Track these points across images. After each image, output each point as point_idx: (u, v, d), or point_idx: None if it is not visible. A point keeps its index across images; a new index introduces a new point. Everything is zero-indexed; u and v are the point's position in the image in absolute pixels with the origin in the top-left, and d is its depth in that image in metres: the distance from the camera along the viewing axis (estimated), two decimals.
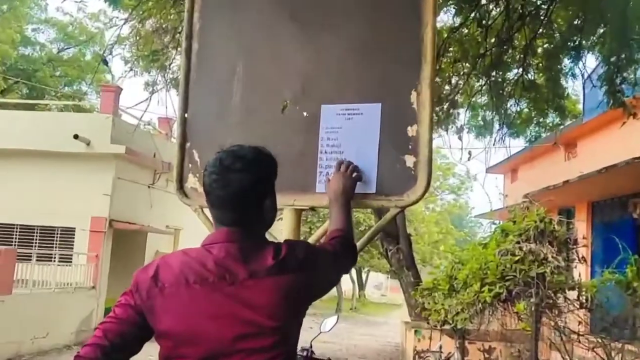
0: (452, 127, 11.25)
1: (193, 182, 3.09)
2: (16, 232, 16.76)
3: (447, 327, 8.69)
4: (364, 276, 39.49)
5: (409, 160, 2.78)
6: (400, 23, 2.87)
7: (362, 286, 39.08)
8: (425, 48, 2.80)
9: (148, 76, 9.96)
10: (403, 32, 2.85)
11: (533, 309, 6.44)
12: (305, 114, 2.94)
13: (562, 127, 13.13)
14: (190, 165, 3.10)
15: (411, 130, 2.79)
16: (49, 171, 16.62)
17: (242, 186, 1.92)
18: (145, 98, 10.04)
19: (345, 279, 33.08)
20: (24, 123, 17.52)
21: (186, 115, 3.14)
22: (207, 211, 3.15)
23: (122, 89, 17.67)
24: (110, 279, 15.86)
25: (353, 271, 34.86)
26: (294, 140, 2.95)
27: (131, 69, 9.62)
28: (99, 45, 12.87)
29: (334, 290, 30.45)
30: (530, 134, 12.57)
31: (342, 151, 2.88)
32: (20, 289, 12.76)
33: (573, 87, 11.44)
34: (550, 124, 12.37)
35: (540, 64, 7.24)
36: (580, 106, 13.16)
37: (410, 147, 2.78)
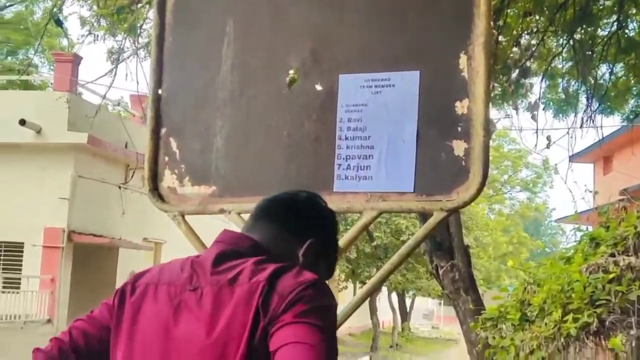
0: (523, 103, 11.11)
1: (171, 180, 3.08)
2: None
3: None
4: (408, 302, 39.28)
5: (459, 146, 2.76)
6: None
7: (406, 316, 38.87)
8: None
9: (113, 41, 9.86)
10: None
11: (634, 344, 6.38)
12: (318, 87, 2.94)
13: None
14: (166, 157, 3.10)
15: (460, 107, 2.77)
16: None
17: (280, 206, 2.14)
18: (109, 70, 10.00)
19: (384, 307, 33.09)
20: None
21: (160, 91, 3.15)
22: (189, 219, 3.17)
23: (81, 58, 17.74)
24: (72, 309, 15.97)
25: (394, 296, 34.85)
26: (304, 122, 2.95)
27: (90, 32, 9.57)
28: (52, 1, 12.97)
29: (368, 323, 30.47)
30: (629, 110, 12.42)
31: (367, 136, 2.88)
32: None
33: None
34: None
35: None
36: None
37: (459, 129, 2.77)
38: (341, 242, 3.21)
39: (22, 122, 16.05)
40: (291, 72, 2.98)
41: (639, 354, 6.21)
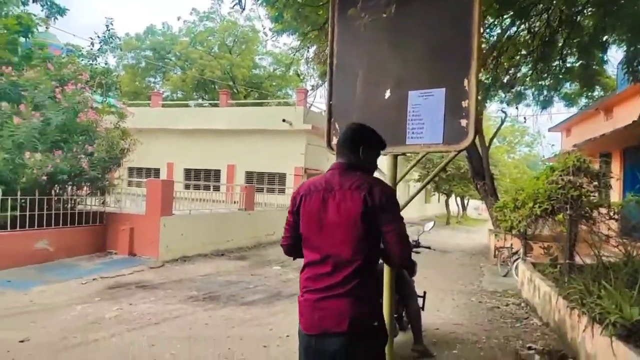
0: (523, 102, 10.48)
1: (336, 141, 3.32)
2: (255, 176, 18.24)
3: (514, 231, 8.34)
4: (465, 202, 37.77)
5: (463, 122, 2.80)
6: (456, 38, 2.85)
7: (464, 208, 37.53)
8: (473, 52, 2.77)
9: (314, 80, 10.21)
10: (459, 43, 2.83)
11: (567, 217, 6.05)
12: (399, 97, 3.02)
13: (603, 97, 11.80)
14: (333, 131, 3.33)
15: (464, 104, 2.80)
16: (270, 141, 17.73)
17: (342, 140, 2.15)
18: (312, 93, 10.75)
19: (452, 203, 32.07)
20: (256, 113, 18.80)
21: (331, 102, 3.35)
22: None
23: (308, 91, 18.18)
24: None
25: (458, 199, 33.72)
26: (392, 113, 3.04)
27: (302, 79, 9.96)
28: (296, 65, 13.50)
29: (444, 212, 29.68)
30: (581, 105, 11.44)
31: (422, 119, 2.95)
32: (258, 207, 13.88)
33: (611, 69, 10.21)
34: (596, 96, 11.16)
35: (576, 55, 6.37)
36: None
37: (463, 114, 2.80)
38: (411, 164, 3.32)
39: (284, 120, 16.75)
40: (388, 91, 3.10)
41: (570, 222, 5.89)
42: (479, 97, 9.08)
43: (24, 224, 8.04)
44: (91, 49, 10.99)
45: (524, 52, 6.48)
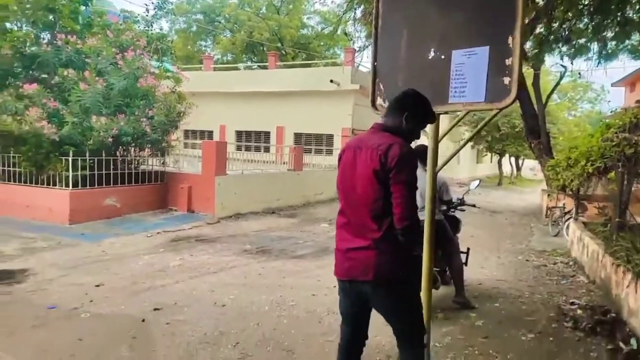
0: (584, 56, 9.90)
1: (380, 101, 3.42)
2: (303, 137, 18.51)
3: (567, 190, 8.16)
4: (520, 162, 36.35)
5: (506, 80, 2.82)
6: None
7: (519, 169, 36.12)
8: (518, 9, 2.75)
9: (361, 41, 10.08)
10: (504, 1, 2.82)
11: (619, 175, 5.86)
12: (442, 57, 3.06)
13: None
14: (377, 91, 3.43)
15: (508, 62, 2.81)
16: (317, 102, 17.80)
17: (391, 102, 2.33)
18: (358, 54, 10.59)
19: (505, 164, 31.05)
20: (304, 74, 18.82)
21: (375, 63, 3.43)
22: None
23: (356, 50, 17.91)
24: None
25: (512, 159, 32.53)
26: (436, 73, 3.08)
27: (350, 39, 9.90)
28: (343, 25, 13.34)
29: (497, 172, 28.84)
30: None
31: (465, 78, 2.98)
32: (307, 168, 14.21)
33: None
34: None
35: (637, 6, 5.91)
36: None
37: (507, 72, 2.81)
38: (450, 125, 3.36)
39: (331, 81, 16.71)
40: (431, 51, 3.14)
41: (622, 179, 5.72)
42: (536, 52, 8.62)
43: (93, 183, 8.78)
44: (146, 15, 11.39)
45: (580, 4, 6.11)
